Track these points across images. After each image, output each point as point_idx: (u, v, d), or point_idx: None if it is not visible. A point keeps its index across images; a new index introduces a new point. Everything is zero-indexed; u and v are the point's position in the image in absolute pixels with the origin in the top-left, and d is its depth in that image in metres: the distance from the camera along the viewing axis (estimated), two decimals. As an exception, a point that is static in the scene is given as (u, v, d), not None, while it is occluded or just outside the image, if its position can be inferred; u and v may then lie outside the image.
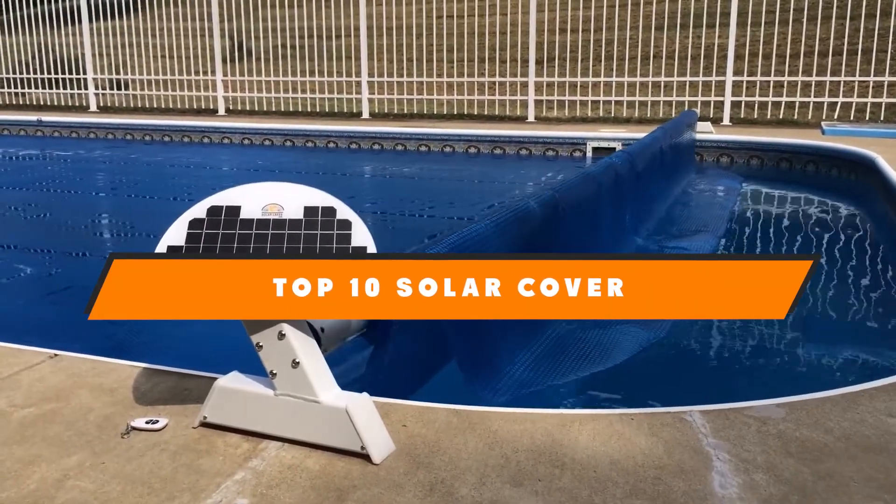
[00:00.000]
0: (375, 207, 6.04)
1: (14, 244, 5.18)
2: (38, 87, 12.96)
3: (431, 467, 1.74)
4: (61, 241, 5.19)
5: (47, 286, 4.19)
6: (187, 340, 3.07)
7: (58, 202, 6.65)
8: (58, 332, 3.25)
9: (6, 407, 2.04)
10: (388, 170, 8.49)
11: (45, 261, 4.76)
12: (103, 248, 5.18)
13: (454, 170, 8.18)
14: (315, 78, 11.56)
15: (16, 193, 7.08)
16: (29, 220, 6.03)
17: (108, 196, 7.13)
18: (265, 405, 1.87)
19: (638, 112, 10.00)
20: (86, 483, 1.69)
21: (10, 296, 4.00)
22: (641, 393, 2.63)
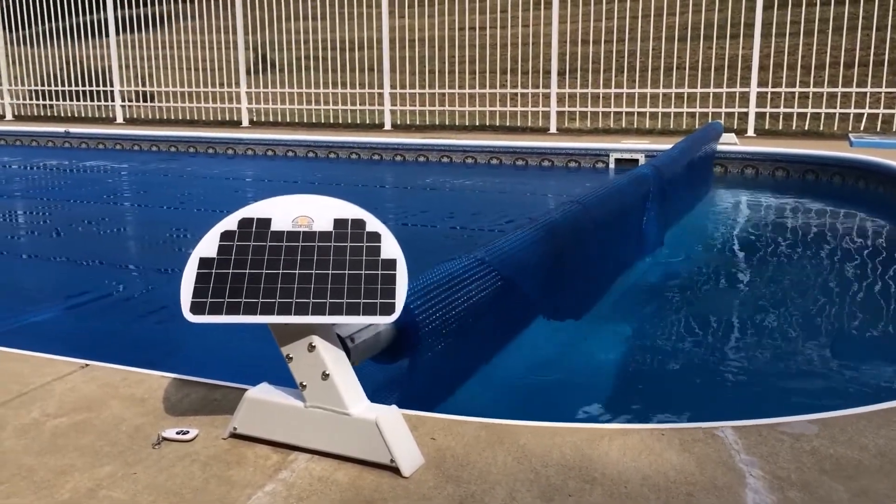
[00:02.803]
0: (398, 219, 6.05)
1: (35, 253, 5.25)
2: (66, 99, 13.15)
3: (461, 481, 1.74)
4: (93, 251, 5.25)
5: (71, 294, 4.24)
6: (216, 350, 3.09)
7: (84, 212, 6.73)
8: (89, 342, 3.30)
9: (39, 416, 2.06)
10: (410, 181, 8.50)
11: (72, 271, 4.81)
12: (130, 258, 5.23)
13: (477, 181, 8.17)
14: (338, 90, 11.63)
15: (40, 202, 7.18)
16: (59, 229, 6.10)
17: (131, 206, 7.20)
18: (295, 417, 1.88)
19: (661, 123, 9.96)
20: (118, 493, 1.70)
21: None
22: (670, 408, 2.61)
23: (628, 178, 4.62)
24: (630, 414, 2.53)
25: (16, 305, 3.92)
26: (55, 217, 6.56)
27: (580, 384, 2.80)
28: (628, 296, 3.98)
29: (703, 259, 4.91)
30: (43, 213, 6.76)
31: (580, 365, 2.99)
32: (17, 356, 2.48)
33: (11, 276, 4.64)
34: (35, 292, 4.26)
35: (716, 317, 3.66)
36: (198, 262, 1.90)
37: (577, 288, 3.37)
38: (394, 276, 1.88)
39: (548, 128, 10.34)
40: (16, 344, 2.57)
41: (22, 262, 5.08)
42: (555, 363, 3.01)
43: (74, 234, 5.82)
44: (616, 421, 2.03)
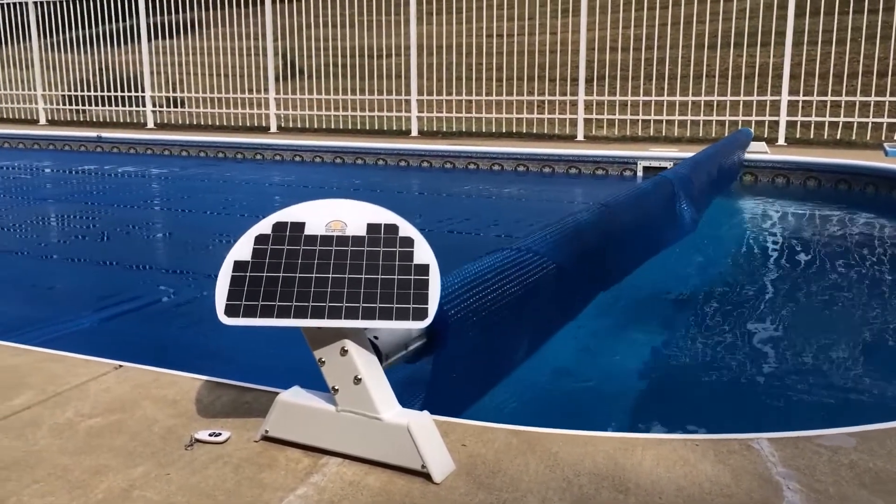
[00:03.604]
0: (424, 224, 6.05)
1: (58, 254, 5.32)
2: (98, 105, 13.36)
3: (492, 488, 1.73)
4: (119, 254, 5.31)
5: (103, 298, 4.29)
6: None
7: (113, 215, 6.82)
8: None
9: (74, 416, 2.08)
10: (436, 187, 8.51)
11: (97, 273, 4.87)
12: (160, 261, 5.29)
13: (503, 188, 8.16)
14: (365, 96, 11.69)
15: (67, 205, 7.29)
16: (88, 232, 6.18)
17: (160, 209, 7.28)
18: (326, 421, 1.88)
19: (690, 131, 9.89)
20: (152, 494, 1.71)
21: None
22: (702, 419, 2.57)
23: (652, 181, 4.74)
24: (662, 424, 2.50)
25: (52, 308, 3.98)
26: (89, 220, 6.64)
27: (610, 392, 2.77)
28: (659, 305, 3.95)
29: (735, 268, 4.86)
30: (76, 216, 6.85)
31: (610, 373, 2.96)
32: (52, 356, 2.51)
33: (47, 278, 4.70)
34: (68, 295, 4.31)
35: (748, 327, 3.62)
36: (232, 265, 1.91)
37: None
38: (426, 281, 1.87)
39: (575, 135, 10.31)
40: (54, 344, 2.60)
41: (48, 264, 5.14)
42: (583, 371, 3.00)
43: (110, 237, 5.89)
44: (648, 431, 2.01)
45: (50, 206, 7.31)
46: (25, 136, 11.78)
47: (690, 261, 4.97)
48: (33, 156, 10.97)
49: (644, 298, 3.96)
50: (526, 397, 2.68)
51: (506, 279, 2.40)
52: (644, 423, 2.51)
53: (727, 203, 7.21)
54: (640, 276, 4.16)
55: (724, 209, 6.97)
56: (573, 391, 2.79)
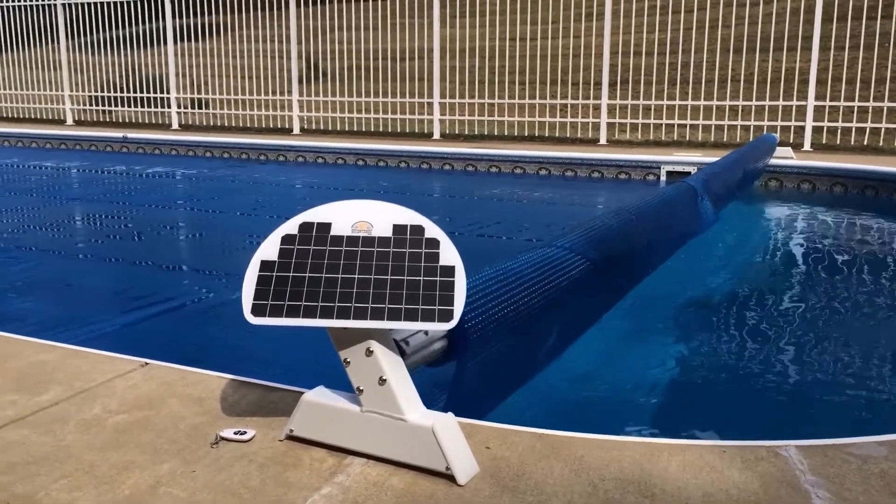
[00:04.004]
0: (454, 227, 6.03)
1: (91, 253, 5.37)
2: (124, 106, 13.50)
3: (517, 491, 1.72)
4: (162, 255, 5.36)
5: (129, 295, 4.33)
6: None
7: (144, 215, 6.88)
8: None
9: (101, 413, 2.10)
10: (463, 190, 8.49)
11: (127, 273, 4.92)
12: (189, 259, 5.33)
13: (530, 192, 8.11)
14: (387, 99, 11.73)
15: (99, 205, 7.37)
16: (120, 232, 6.24)
17: (184, 209, 7.33)
18: (351, 421, 1.88)
19: (714, 136, 9.81)
20: (178, 491, 1.73)
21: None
22: (729, 425, 2.55)
23: (675, 187, 4.73)
24: (688, 429, 2.48)
25: (84, 307, 4.03)
26: (121, 220, 6.71)
27: (634, 397, 2.75)
28: (685, 310, 3.92)
29: (761, 274, 4.82)
30: (108, 216, 6.92)
31: (634, 378, 2.94)
32: (79, 353, 2.54)
33: (79, 277, 4.75)
34: (99, 294, 4.36)
35: (775, 334, 3.58)
36: (259, 265, 1.92)
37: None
38: (452, 282, 1.87)
39: (597, 139, 10.27)
40: (85, 342, 2.63)
41: (80, 263, 5.19)
42: (607, 375, 2.98)
43: (141, 237, 5.95)
44: (674, 436, 1.99)
45: (82, 206, 7.38)
46: (53, 136, 11.93)
47: (716, 266, 4.93)
48: (61, 155, 11.10)
49: (669, 303, 3.93)
50: (548, 401, 2.67)
51: (531, 280, 2.39)
52: (669, 428, 2.49)
53: (753, 209, 7.15)
54: (665, 280, 4.14)
55: (750, 215, 6.91)
56: (596, 395, 2.77)
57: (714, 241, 5.34)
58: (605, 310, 3.13)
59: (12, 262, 4.96)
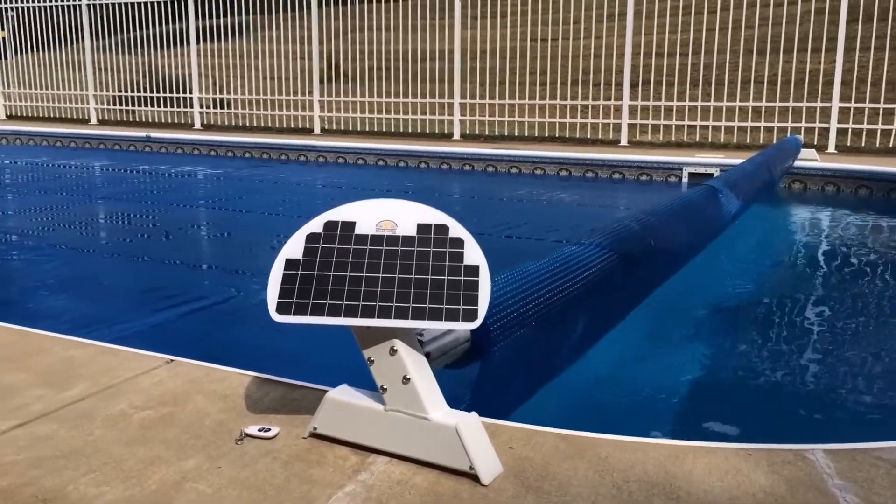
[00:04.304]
0: (481, 228, 6.00)
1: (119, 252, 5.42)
2: (147, 105, 13.63)
3: (541, 492, 1.72)
4: (188, 254, 5.41)
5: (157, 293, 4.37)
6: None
7: (171, 214, 6.94)
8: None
9: (127, 408, 2.12)
10: (488, 191, 8.47)
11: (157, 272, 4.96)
12: (211, 257, 5.37)
13: (554, 193, 8.06)
14: (408, 99, 11.74)
15: (126, 204, 7.44)
16: (143, 229, 6.30)
17: (206, 208, 7.39)
18: (374, 419, 1.89)
19: (736, 137, 9.74)
20: (203, 486, 1.74)
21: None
22: (754, 428, 2.52)
23: (697, 190, 4.72)
24: (713, 432, 2.46)
25: (112, 305, 4.07)
26: (149, 219, 6.78)
27: (658, 399, 2.74)
28: (709, 312, 3.89)
29: (786, 277, 4.77)
30: (136, 214, 6.99)
31: (657, 379, 2.93)
32: (106, 349, 2.57)
33: (108, 276, 4.79)
34: (127, 292, 4.40)
35: (800, 336, 3.55)
36: (284, 263, 1.93)
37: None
38: (476, 282, 1.87)
39: (618, 140, 10.23)
40: (113, 340, 2.65)
41: (110, 261, 5.24)
42: (629, 377, 2.96)
43: (170, 236, 6.00)
44: (697, 439, 1.97)
45: (110, 205, 7.43)
46: (77, 135, 12.06)
47: (740, 269, 4.89)
48: (87, 154, 11.22)
49: (693, 305, 3.91)
50: (571, 402, 2.66)
51: (555, 280, 2.39)
52: (693, 431, 2.47)
53: (777, 211, 7.08)
54: (689, 283, 4.11)
55: (774, 217, 6.85)
56: (619, 397, 2.76)
57: (737, 244, 5.31)
58: (628, 310, 3.12)
59: (45, 260, 5.02)
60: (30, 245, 5.44)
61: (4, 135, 12.51)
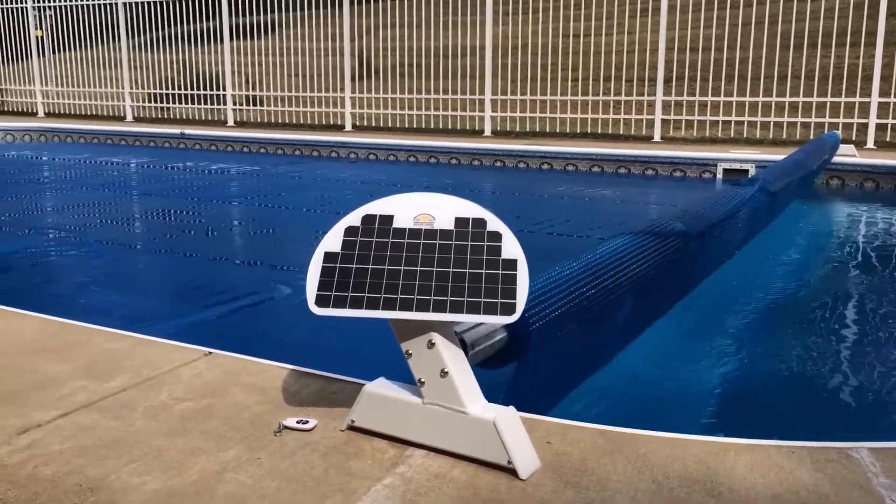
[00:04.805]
0: (523, 225, 5.96)
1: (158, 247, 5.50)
2: (182, 103, 13.80)
3: (580, 487, 1.71)
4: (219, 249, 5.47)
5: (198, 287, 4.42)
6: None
7: (213, 210, 7.02)
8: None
9: (168, 399, 2.15)
10: (528, 188, 8.41)
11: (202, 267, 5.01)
12: (250, 252, 5.43)
13: (594, 189, 7.96)
14: (439, 95, 11.74)
15: (169, 200, 7.53)
16: (192, 226, 6.38)
17: (239, 204, 7.46)
18: (412, 413, 1.89)
19: (772, 133, 9.59)
20: (243, 477, 1.75)
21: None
22: (796, 425, 2.49)
23: (738, 186, 4.67)
24: (753, 429, 2.42)
25: (158, 299, 4.13)
26: (193, 215, 6.86)
27: (696, 395, 2.71)
28: (749, 310, 3.84)
29: (827, 273, 4.70)
30: (180, 211, 7.08)
31: (696, 375, 2.89)
32: (146, 342, 2.60)
33: (152, 271, 4.86)
34: (168, 287, 4.46)
35: (842, 334, 3.49)
36: (322, 256, 1.94)
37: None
38: (515, 276, 1.86)
39: (651, 136, 10.13)
40: (155, 334, 2.69)
41: (145, 255, 5.31)
42: (669, 372, 2.94)
43: (214, 231, 6.06)
44: (738, 436, 1.95)
45: (153, 201, 7.50)
46: (114, 132, 12.26)
47: (780, 265, 4.82)
48: (124, 151, 11.38)
49: (734, 302, 3.86)
50: (609, 397, 2.65)
51: (596, 275, 2.37)
52: (734, 427, 2.44)
53: (815, 207, 6.97)
54: (731, 278, 4.07)
55: (813, 213, 6.74)
56: (658, 393, 2.73)
57: (778, 241, 5.23)
58: (667, 306, 3.09)
59: (93, 256, 5.09)
60: (77, 241, 5.50)
61: (44, 132, 12.75)
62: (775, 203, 4.70)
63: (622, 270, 2.54)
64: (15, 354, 2.50)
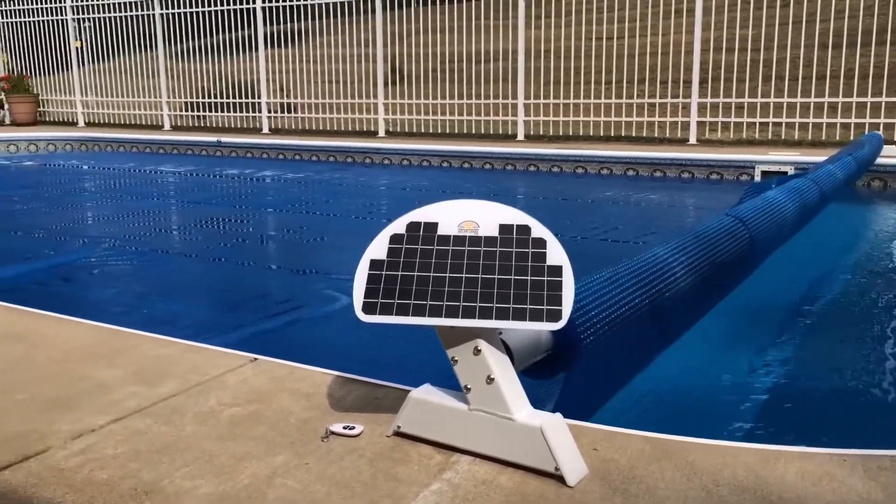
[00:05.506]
0: (576, 230, 5.94)
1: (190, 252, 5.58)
2: (217, 111, 13.99)
3: (628, 494, 1.70)
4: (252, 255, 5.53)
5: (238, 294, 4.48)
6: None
7: (262, 218, 7.11)
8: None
9: (216, 405, 2.19)
10: (559, 192, 8.40)
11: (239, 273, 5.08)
12: (297, 260, 5.49)
13: (638, 194, 7.88)
14: (471, 100, 11.77)
15: (218, 209, 7.65)
16: (217, 231, 6.47)
17: (273, 210, 7.53)
18: (458, 419, 1.90)
19: (811, 134, 9.45)
20: (293, 482, 1.78)
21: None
22: (845, 433, 2.45)
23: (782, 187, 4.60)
24: (802, 437, 2.39)
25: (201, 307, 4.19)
26: (245, 223, 6.96)
27: (743, 402, 2.68)
28: (793, 314, 3.79)
29: (871, 277, 4.61)
30: (231, 219, 7.18)
31: (739, 381, 2.87)
32: (193, 348, 2.65)
33: (204, 279, 4.92)
34: (217, 293, 4.53)
35: (888, 340, 3.42)
36: (368, 264, 1.96)
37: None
38: (560, 282, 1.86)
39: (687, 139, 10.04)
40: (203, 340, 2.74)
41: (209, 266, 5.34)
42: (713, 378, 2.91)
43: (268, 239, 6.13)
44: (787, 444, 1.93)
45: (199, 209, 7.58)
46: (152, 140, 12.48)
47: (825, 269, 4.75)
48: (164, 160, 11.58)
49: (776, 306, 3.82)
50: (652, 404, 2.63)
51: (646, 287, 2.36)
52: (782, 434, 2.41)
53: (858, 209, 6.85)
54: (776, 281, 4.02)
55: (855, 215, 6.63)
56: (704, 400, 2.71)
57: (820, 243, 5.16)
58: (706, 310, 3.06)
59: (150, 265, 5.16)
60: (134, 250, 5.57)
61: (84, 141, 13.02)
62: (822, 202, 4.63)
63: (676, 269, 2.52)
64: (67, 361, 2.56)
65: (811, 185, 4.65)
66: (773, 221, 3.64)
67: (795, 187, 4.49)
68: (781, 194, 4.07)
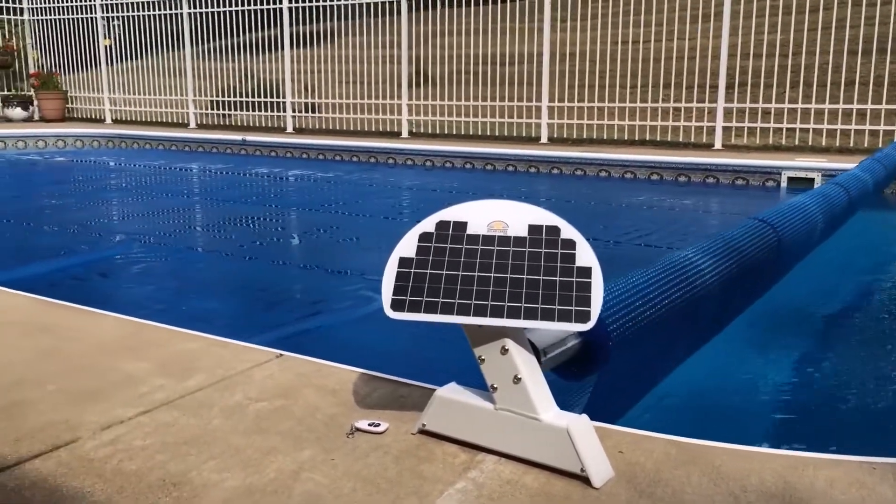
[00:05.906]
0: (609, 235, 5.90)
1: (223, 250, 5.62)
2: (243, 110, 14.10)
3: (654, 497, 1.69)
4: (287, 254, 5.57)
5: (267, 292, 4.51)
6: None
7: (297, 217, 7.16)
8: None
9: (243, 400, 2.20)
10: (570, 194, 8.39)
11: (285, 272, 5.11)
12: (322, 258, 5.52)
13: (672, 198, 7.81)
14: (495, 102, 11.76)
15: (251, 207, 7.71)
16: (281, 234, 6.52)
17: (297, 208, 7.58)
18: (484, 418, 1.90)
19: (839, 141, 9.34)
20: (319, 477, 1.79)
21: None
22: (873, 441, 2.42)
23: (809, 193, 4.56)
24: (830, 444, 2.37)
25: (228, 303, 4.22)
26: (278, 222, 7.01)
27: (769, 408, 2.66)
28: (821, 321, 3.76)
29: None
30: (265, 218, 7.23)
31: (765, 388, 2.84)
32: (219, 343, 2.67)
33: (240, 277, 4.95)
34: (245, 291, 4.56)
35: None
36: (398, 261, 1.96)
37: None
38: (589, 283, 1.86)
39: (712, 144, 9.97)
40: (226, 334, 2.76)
41: (245, 265, 5.34)
42: (739, 383, 2.89)
43: (303, 239, 6.16)
44: (815, 450, 1.91)
45: (231, 208, 7.59)
46: (179, 138, 12.60)
47: (855, 276, 4.70)
48: (191, 157, 11.68)
49: (803, 313, 3.78)
50: (678, 407, 2.62)
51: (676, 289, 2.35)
52: (810, 441, 2.39)
53: (889, 217, 6.77)
54: (805, 287, 3.98)
55: (886, 223, 6.55)
56: (731, 404, 2.69)
57: (851, 250, 5.10)
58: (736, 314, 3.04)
59: (185, 264, 5.20)
60: (167, 247, 5.62)
61: (111, 138, 13.17)
62: (850, 208, 4.59)
63: (705, 272, 2.51)
64: (96, 353, 2.59)
65: (839, 191, 4.61)
66: (805, 224, 3.61)
67: (823, 192, 4.44)
68: (809, 199, 4.04)
